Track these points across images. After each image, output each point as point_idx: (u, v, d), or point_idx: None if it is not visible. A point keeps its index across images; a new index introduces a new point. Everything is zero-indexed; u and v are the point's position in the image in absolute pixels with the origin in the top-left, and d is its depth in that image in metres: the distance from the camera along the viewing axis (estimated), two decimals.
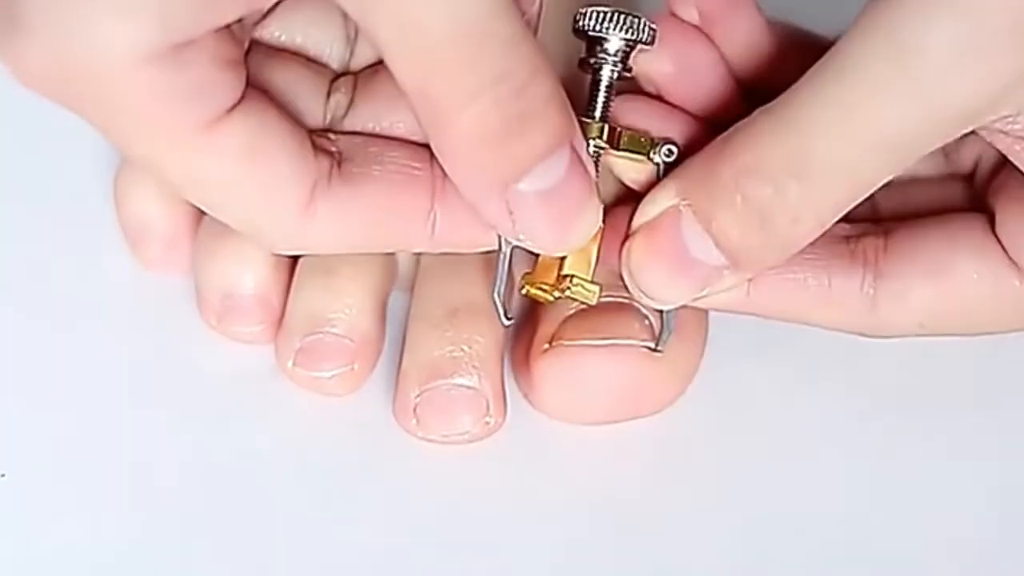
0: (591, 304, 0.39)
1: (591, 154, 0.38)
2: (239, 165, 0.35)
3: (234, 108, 0.35)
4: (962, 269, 0.39)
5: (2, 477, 0.40)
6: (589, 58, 0.38)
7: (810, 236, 0.37)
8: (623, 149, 0.39)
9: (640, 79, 0.40)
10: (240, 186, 0.36)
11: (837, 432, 0.42)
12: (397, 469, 0.41)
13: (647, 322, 0.41)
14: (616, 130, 0.39)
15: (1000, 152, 0.37)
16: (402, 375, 0.42)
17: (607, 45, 0.38)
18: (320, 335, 0.42)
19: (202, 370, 0.43)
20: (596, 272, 0.39)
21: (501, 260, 0.39)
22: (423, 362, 0.41)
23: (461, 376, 0.41)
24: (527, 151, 0.34)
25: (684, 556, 0.40)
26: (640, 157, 0.39)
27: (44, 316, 0.44)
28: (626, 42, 0.38)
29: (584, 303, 0.39)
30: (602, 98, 0.38)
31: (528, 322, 0.43)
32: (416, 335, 0.42)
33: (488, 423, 0.41)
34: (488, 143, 0.34)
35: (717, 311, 0.41)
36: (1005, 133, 0.36)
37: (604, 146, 0.38)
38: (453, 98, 0.33)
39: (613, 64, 0.38)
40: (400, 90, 0.34)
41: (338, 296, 0.42)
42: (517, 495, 0.41)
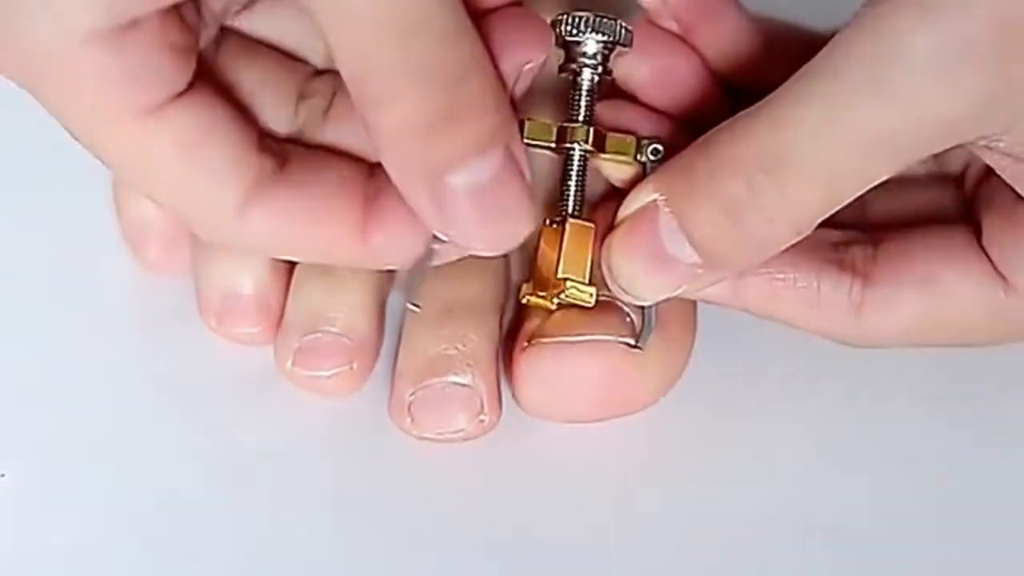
0: (589, 306, 0.40)
1: (578, 158, 0.38)
2: (177, 155, 0.35)
3: (179, 97, 0.35)
4: (950, 281, 0.39)
5: (2, 477, 0.41)
6: (568, 63, 0.39)
7: (784, 240, 0.36)
8: (610, 152, 0.39)
9: (620, 83, 0.40)
10: (177, 176, 0.36)
11: (831, 432, 0.42)
12: (394, 468, 0.41)
13: (628, 319, 0.41)
14: (602, 133, 0.39)
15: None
16: (397, 374, 0.42)
17: (584, 49, 0.38)
18: (319, 335, 0.42)
19: (201, 370, 0.43)
20: (593, 273, 0.39)
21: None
22: (418, 360, 0.42)
23: (455, 374, 0.41)
24: (455, 147, 0.34)
25: (679, 556, 0.40)
26: (627, 158, 0.39)
27: (44, 316, 0.44)
28: (603, 44, 0.38)
29: (582, 305, 0.39)
30: (584, 102, 0.39)
31: (517, 320, 0.43)
32: (411, 333, 0.42)
33: (483, 421, 0.41)
34: (416, 135, 0.34)
35: (707, 303, 0.41)
36: (991, 150, 0.36)
37: (591, 149, 0.38)
38: (384, 87, 0.34)
39: (592, 67, 0.38)
40: None
41: (337, 296, 0.42)
42: (512, 493, 0.41)
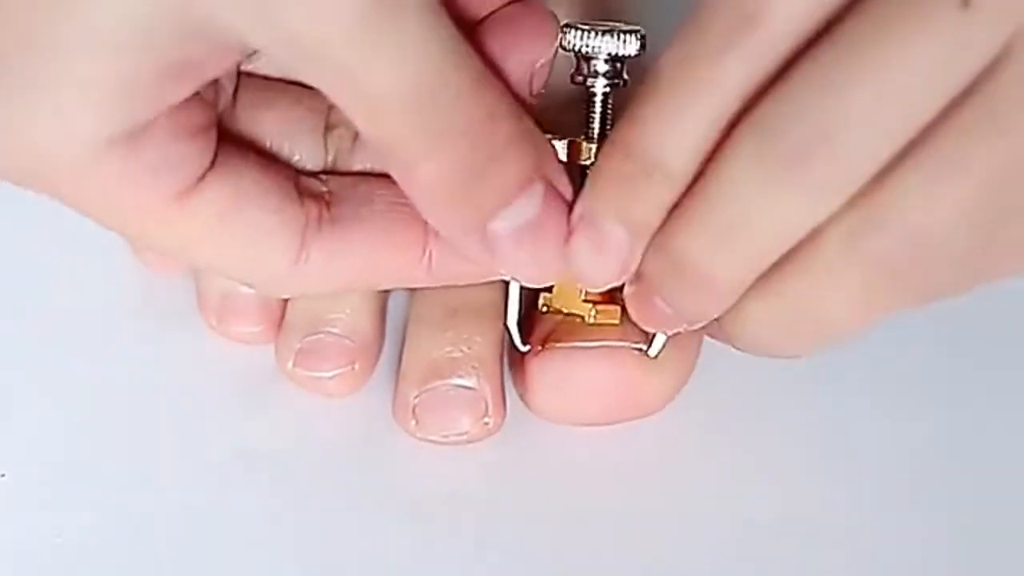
0: (615, 324, 0.40)
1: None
2: (216, 227, 0.35)
3: (206, 175, 0.34)
4: None
5: (2, 477, 0.40)
6: (578, 75, 0.38)
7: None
8: None
9: None
10: (221, 246, 0.35)
11: (834, 435, 0.42)
12: (396, 470, 0.41)
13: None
14: None
15: None
16: (401, 375, 0.42)
17: (594, 61, 0.37)
18: (320, 335, 0.42)
19: (202, 370, 0.43)
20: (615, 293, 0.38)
21: (512, 290, 0.39)
22: (422, 362, 0.41)
23: (460, 377, 0.41)
24: (493, 197, 0.34)
25: (682, 558, 0.40)
26: None
27: (44, 316, 0.44)
28: (614, 57, 0.37)
29: (611, 324, 0.40)
30: (598, 115, 0.38)
31: (525, 323, 0.43)
32: (416, 335, 0.42)
33: (487, 424, 0.41)
34: (452, 193, 0.33)
35: None
36: None
37: None
38: (411, 153, 0.33)
39: (605, 79, 0.37)
40: None
41: (338, 296, 0.42)
42: (516, 496, 0.41)
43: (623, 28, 0.37)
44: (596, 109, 0.37)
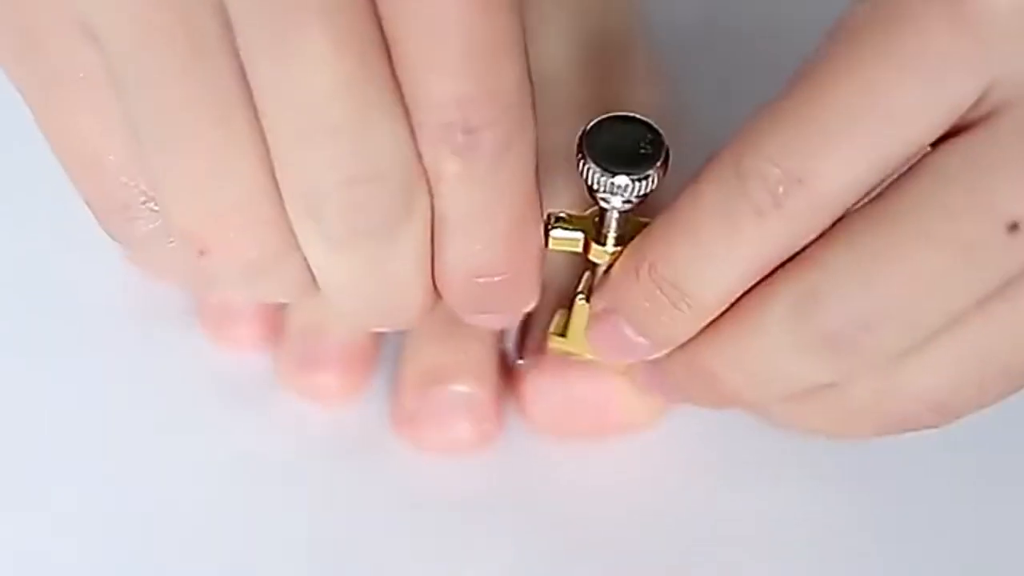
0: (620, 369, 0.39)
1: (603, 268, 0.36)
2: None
3: None
4: None
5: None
6: (593, 192, 0.34)
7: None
8: None
9: None
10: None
11: (839, 447, 0.42)
12: (393, 476, 0.41)
13: None
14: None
15: None
16: (399, 382, 0.42)
17: (611, 203, 0.34)
18: (318, 342, 0.42)
19: (200, 376, 0.43)
20: None
21: None
22: (420, 369, 0.41)
23: (458, 383, 0.41)
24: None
25: (681, 566, 0.40)
26: None
27: (42, 322, 0.44)
28: (629, 204, 0.34)
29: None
30: (613, 229, 0.35)
31: (519, 336, 0.43)
32: (413, 342, 0.42)
33: (484, 430, 0.41)
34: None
35: None
36: None
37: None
38: None
39: (623, 203, 0.34)
40: None
41: None
42: (513, 502, 0.41)
43: (643, 151, 0.34)
44: (612, 225, 0.35)
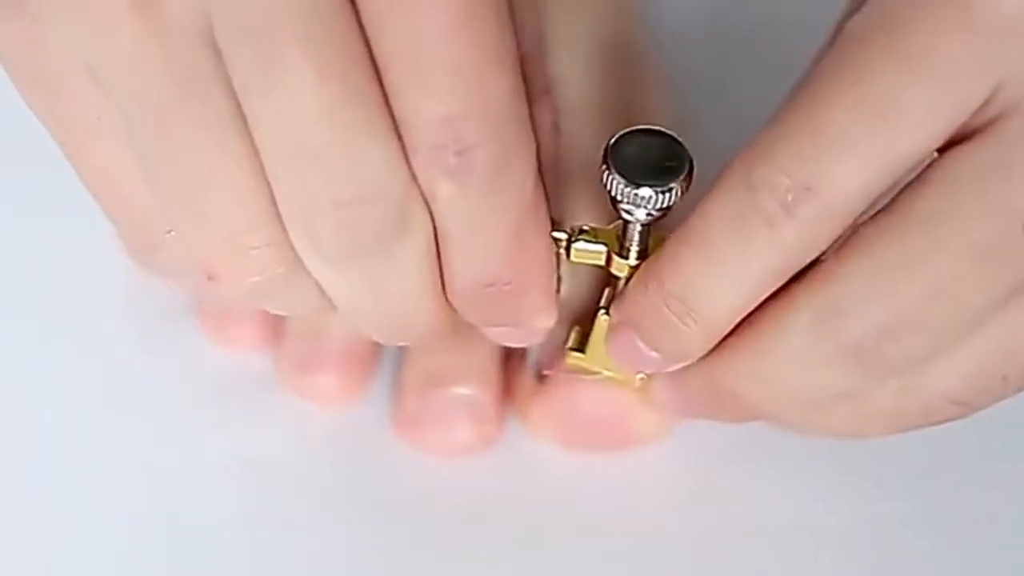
0: (634, 387, 0.39)
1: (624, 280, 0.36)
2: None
3: None
4: None
5: None
6: (616, 204, 0.34)
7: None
8: None
9: None
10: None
11: (839, 449, 0.42)
12: (395, 479, 0.41)
13: None
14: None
15: None
16: (400, 384, 0.42)
17: (635, 215, 0.34)
18: (319, 344, 0.42)
19: (200, 376, 0.43)
20: None
21: None
22: (421, 371, 0.41)
23: (459, 386, 0.41)
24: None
25: (684, 567, 0.40)
26: None
27: (43, 322, 0.44)
28: (652, 216, 0.34)
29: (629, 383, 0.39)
30: (636, 241, 0.35)
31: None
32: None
33: (486, 433, 0.41)
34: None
35: None
36: None
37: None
38: None
39: (646, 215, 0.34)
40: None
41: None
42: (514, 505, 0.41)
43: (667, 164, 0.33)
44: (635, 238, 0.35)
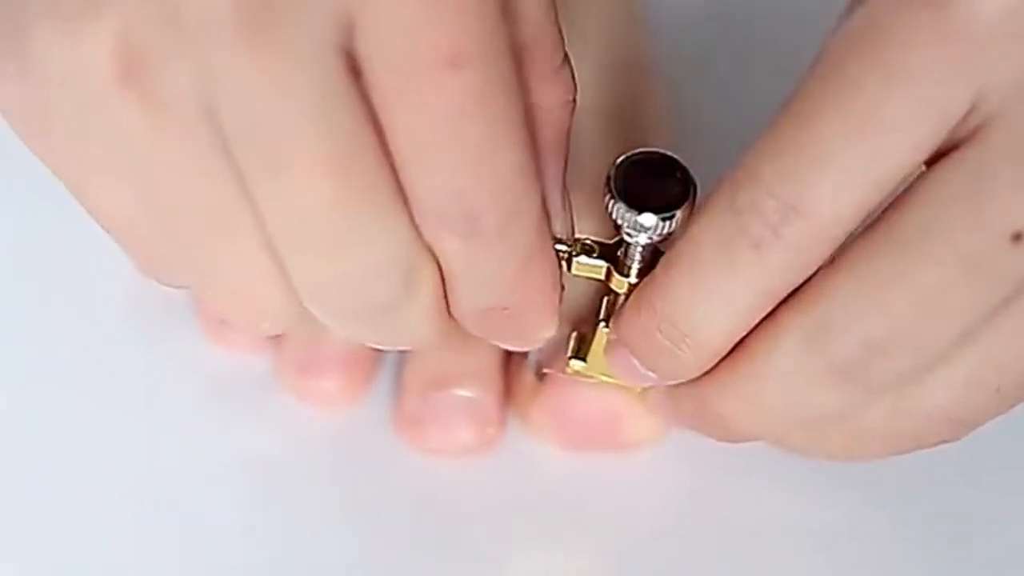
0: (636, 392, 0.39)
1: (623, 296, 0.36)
2: None
3: None
4: None
5: None
6: (617, 225, 0.34)
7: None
8: None
9: None
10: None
11: None
12: (395, 479, 0.41)
13: None
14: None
15: None
16: (402, 386, 0.42)
17: (636, 239, 0.34)
18: (319, 347, 0.42)
19: (200, 379, 0.43)
20: None
21: None
22: (424, 373, 0.41)
23: (461, 387, 0.41)
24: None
25: (686, 567, 0.40)
26: None
27: (43, 322, 0.44)
28: (654, 240, 0.34)
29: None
30: (636, 261, 0.35)
31: None
32: None
33: (488, 434, 0.41)
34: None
35: None
36: None
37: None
38: None
39: (647, 238, 0.34)
40: None
41: None
42: (514, 505, 0.41)
43: (670, 189, 0.33)
44: (635, 257, 0.35)
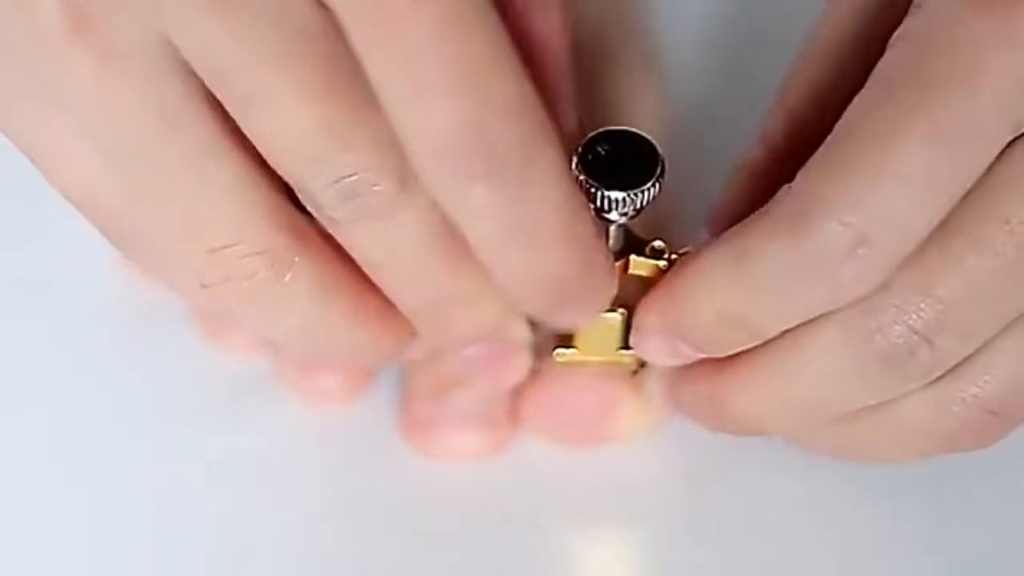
0: (633, 371, 0.39)
1: None
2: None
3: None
4: None
5: None
6: (592, 204, 0.34)
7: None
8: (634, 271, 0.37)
9: None
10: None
11: None
12: (396, 479, 0.41)
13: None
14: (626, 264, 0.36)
15: None
16: (408, 391, 0.42)
17: (609, 217, 0.34)
18: None
19: (199, 377, 0.43)
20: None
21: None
22: (431, 376, 0.41)
23: (469, 391, 0.41)
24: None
25: (687, 568, 0.40)
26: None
27: (42, 322, 0.43)
28: (626, 216, 0.34)
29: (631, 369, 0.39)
30: (612, 242, 0.36)
31: None
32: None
33: (496, 438, 0.41)
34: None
35: None
36: None
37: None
38: None
39: (620, 217, 0.35)
40: None
41: None
42: (515, 505, 0.41)
43: (639, 165, 0.34)
44: (610, 237, 0.35)
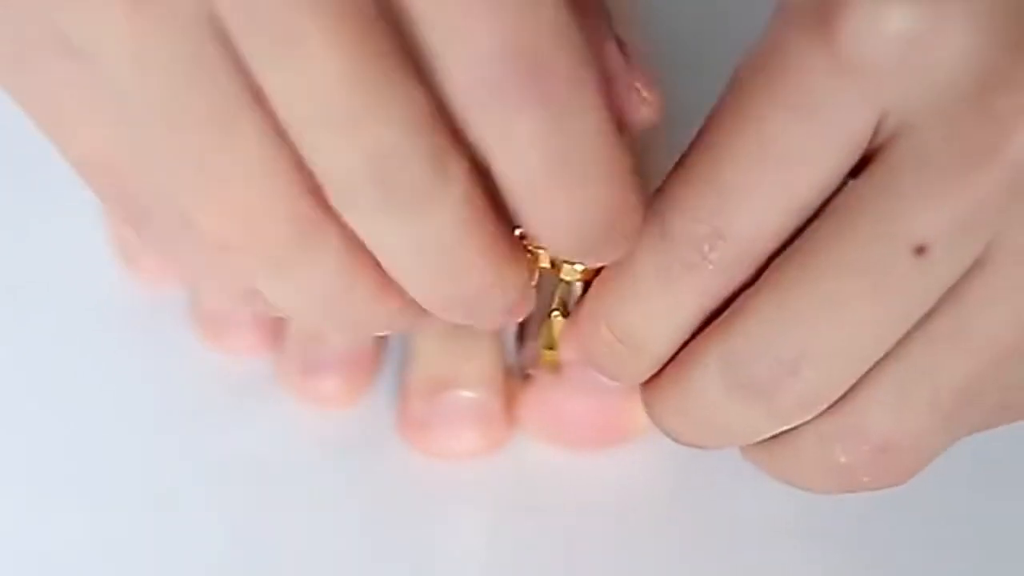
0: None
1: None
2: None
3: None
4: None
5: None
6: None
7: None
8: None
9: None
10: None
11: None
12: (397, 480, 0.41)
13: None
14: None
15: None
16: (406, 388, 0.42)
17: None
18: (319, 347, 0.42)
19: (200, 377, 0.43)
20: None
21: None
22: (428, 374, 0.41)
23: (466, 389, 0.41)
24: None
25: (688, 567, 0.40)
26: None
27: (43, 322, 0.43)
28: None
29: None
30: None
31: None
32: (420, 347, 0.42)
33: (493, 437, 0.41)
34: None
35: None
36: None
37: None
38: None
39: None
40: None
41: None
42: (515, 505, 0.41)
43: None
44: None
